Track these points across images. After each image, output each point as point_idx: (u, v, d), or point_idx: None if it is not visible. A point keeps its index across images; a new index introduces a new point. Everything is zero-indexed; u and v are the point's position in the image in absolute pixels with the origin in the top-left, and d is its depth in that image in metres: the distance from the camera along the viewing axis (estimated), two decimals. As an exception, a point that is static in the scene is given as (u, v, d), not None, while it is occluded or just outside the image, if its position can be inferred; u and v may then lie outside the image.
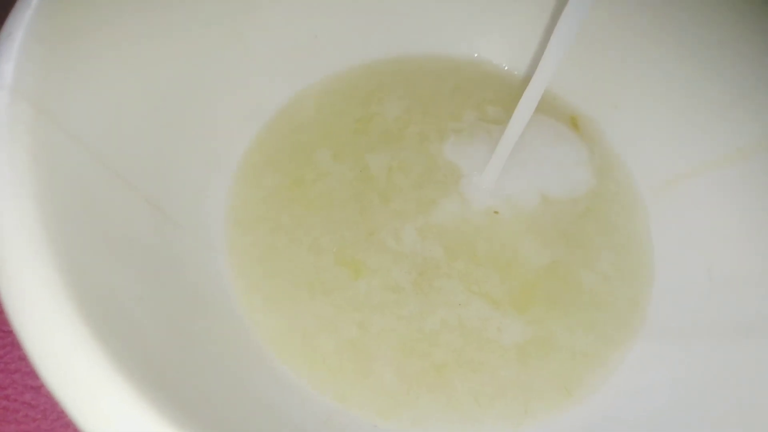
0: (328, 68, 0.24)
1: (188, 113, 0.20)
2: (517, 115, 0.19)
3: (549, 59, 0.17)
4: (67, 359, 0.12)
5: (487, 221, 0.21)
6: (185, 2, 0.19)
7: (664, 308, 0.20)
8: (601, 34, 0.23)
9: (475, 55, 0.25)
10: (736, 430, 0.15)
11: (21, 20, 0.14)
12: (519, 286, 0.20)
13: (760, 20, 0.20)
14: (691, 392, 0.17)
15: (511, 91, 0.24)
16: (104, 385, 0.12)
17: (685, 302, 0.20)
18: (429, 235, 0.21)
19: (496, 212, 0.21)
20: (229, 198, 0.21)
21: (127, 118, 0.17)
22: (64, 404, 0.12)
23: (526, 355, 0.19)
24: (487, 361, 0.19)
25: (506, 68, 0.24)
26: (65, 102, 0.15)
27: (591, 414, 0.18)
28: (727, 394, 0.16)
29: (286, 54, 0.22)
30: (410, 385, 0.18)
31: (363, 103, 0.24)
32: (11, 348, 0.21)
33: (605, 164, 0.23)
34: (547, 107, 0.24)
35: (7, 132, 0.13)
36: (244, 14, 0.21)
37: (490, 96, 0.24)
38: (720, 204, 0.20)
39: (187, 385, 0.14)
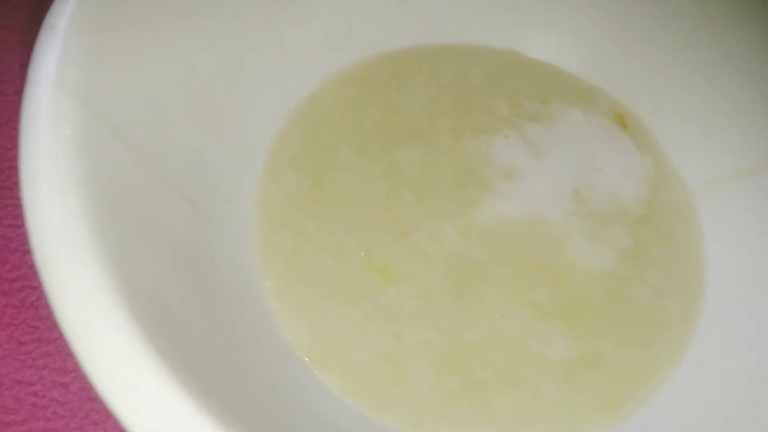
0: (348, 59, 0.23)
1: (221, 108, 0.20)
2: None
3: None
4: (115, 358, 0.12)
5: (534, 226, 0.21)
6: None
7: (715, 322, 0.19)
8: (645, 32, 0.22)
9: (507, 45, 0.24)
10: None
11: (64, 12, 0.14)
12: (568, 297, 0.20)
13: None
14: (741, 406, 0.17)
15: (547, 82, 0.24)
16: (152, 383, 0.12)
17: (734, 314, 0.19)
18: (471, 236, 0.20)
19: (543, 217, 0.21)
20: (254, 200, 0.20)
21: (166, 112, 0.17)
22: (109, 403, 0.12)
23: (571, 372, 0.19)
24: (531, 377, 0.18)
25: (542, 59, 0.24)
26: (108, 96, 0.15)
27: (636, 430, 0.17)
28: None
29: (317, 47, 0.22)
30: (448, 398, 0.18)
31: (386, 93, 0.23)
32: (39, 344, 0.21)
33: (656, 167, 0.22)
34: (592, 103, 0.23)
35: (50, 127, 0.13)
36: (280, 6, 0.21)
37: (524, 88, 0.23)
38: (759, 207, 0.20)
39: (228, 383, 0.14)
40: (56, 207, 0.13)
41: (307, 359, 0.18)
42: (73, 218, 0.13)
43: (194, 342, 0.14)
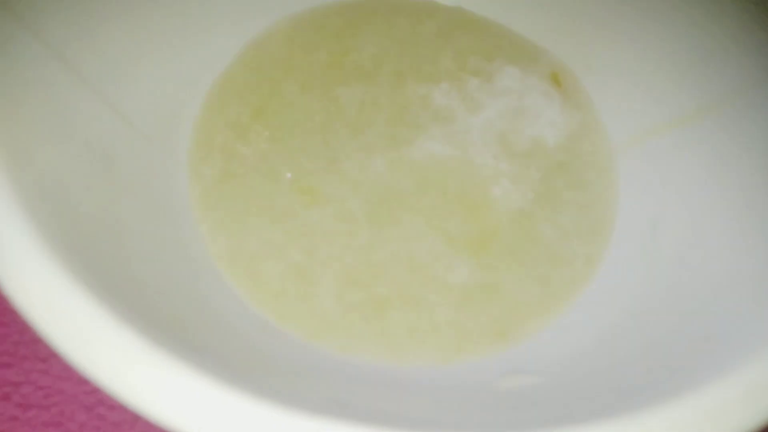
0: (303, 5, 0.24)
1: (167, 35, 0.21)
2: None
3: None
4: (15, 257, 0.13)
5: (459, 164, 0.22)
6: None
7: (615, 267, 0.20)
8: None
9: (457, 2, 0.25)
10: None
11: None
12: (479, 229, 0.21)
13: None
14: (625, 346, 0.18)
15: (493, 41, 0.25)
16: (45, 275, 0.13)
17: (633, 259, 0.20)
18: (398, 168, 0.21)
19: (468, 157, 0.22)
20: (195, 123, 0.21)
21: (101, 30, 0.18)
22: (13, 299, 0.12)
23: (468, 297, 0.20)
24: (429, 299, 0.20)
25: (490, 17, 0.25)
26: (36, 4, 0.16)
27: (521, 357, 0.18)
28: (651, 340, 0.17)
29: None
30: (346, 311, 0.19)
31: (337, 38, 0.24)
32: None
33: (582, 120, 0.23)
34: (533, 62, 0.24)
35: None
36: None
37: (471, 45, 0.24)
38: (681, 161, 0.21)
39: (141, 282, 0.15)
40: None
41: (222, 269, 0.19)
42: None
43: (107, 242, 0.15)
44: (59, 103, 0.17)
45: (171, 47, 0.21)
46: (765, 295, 0.16)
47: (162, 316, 0.15)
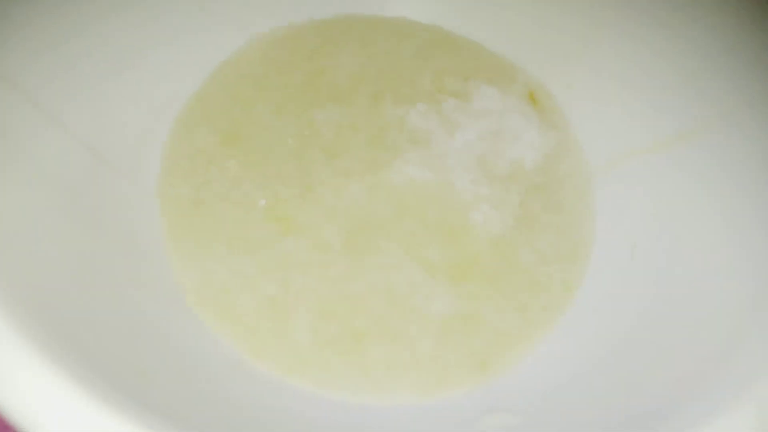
0: (277, 20, 0.23)
1: (133, 58, 0.20)
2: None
3: None
4: None
5: (437, 189, 0.21)
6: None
7: (593, 291, 0.20)
8: (565, 12, 0.23)
9: (434, 21, 0.25)
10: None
11: None
12: (459, 256, 0.20)
13: (703, 6, 0.20)
14: (606, 372, 0.17)
15: (471, 61, 0.24)
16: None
17: (611, 284, 0.20)
18: (375, 194, 0.21)
19: (447, 181, 0.21)
20: (165, 149, 0.21)
21: (65, 60, 0.18)
22: None
23: (448, 329, 0.19)
24: (408, 331, 0.19)
25: (468, 36, 0.24)
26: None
27: (500, 392, 0.18)
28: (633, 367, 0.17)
29: (244, 7, 0.22)
30: (323, 346, 0.18)
31: (312, 58, 0.23)
32: None
33: (560, 141, 0.23)
34: (510, 82, 0.24)
35: None
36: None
37: (448, 65, 0.24)
38: (658, 185, 0.20)
39: (104, 323, 0.15)
40: None
41: (192, 304, 0.18)
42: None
43: (68, 283, 0.15)
44: (18, 136, 0.16)
45: (137, 70, 0.20)
46: (747, 327, 0.16)
47: (124, 366, 0.14)
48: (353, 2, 0.24)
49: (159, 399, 0.14)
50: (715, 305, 0.17)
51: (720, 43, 0.20)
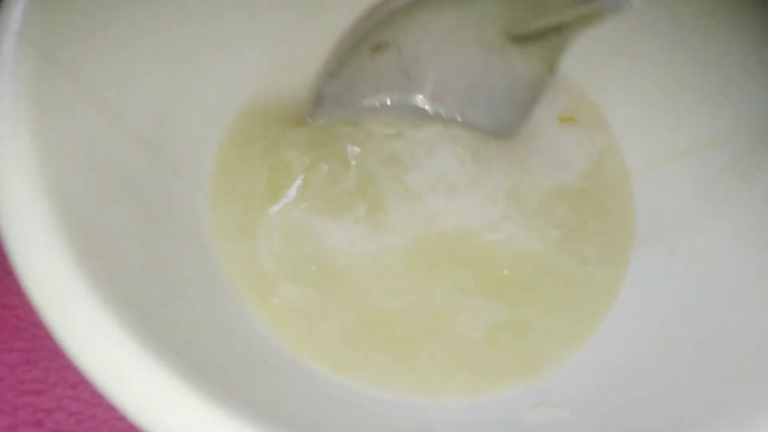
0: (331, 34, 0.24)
1: (193, 65, 0.21)
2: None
3: None
4: (57, 290, 0.13)
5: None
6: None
7: (634, 291, 0.20)
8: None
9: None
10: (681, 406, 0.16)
11: None
12: (499, 269, 0.21)
13: (738, 12, 0.20)
14: (648, 358, 0.18)
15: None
16: (85, 308, 0.13)
17: (652, 285, 0.20)
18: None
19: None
20: (219, 150, 0.21)
21: (133, 67, 0.19)
22: (53, 331, 0.13)
23: (494, 338, 0.20)
24: (457, 336, 0.20)
25: None
26: (70, 47, 0.16)
27: (550, 386, 0.18)
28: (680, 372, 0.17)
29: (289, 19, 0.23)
30: (370, 350, 0.19)
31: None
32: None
33: (602, 147, 0.23)
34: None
35: (10, 74, 0.15)
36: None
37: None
38: (696, 188, 0.21)
39: (163, 313, 0.16)
40: (10, 148, 0.14)
41: (247, 302, 0.19)
42: (25, 159, 0.14)
43: (134, 274, 0.15)
44: (97, 142, 0.17)
45: (199, 73, 0.21)
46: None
47: (196, 354, 0.15)
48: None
49: (237, 389, 0.14)
50: (756, 306, 0.17)
51: (760, 47, 0.20)
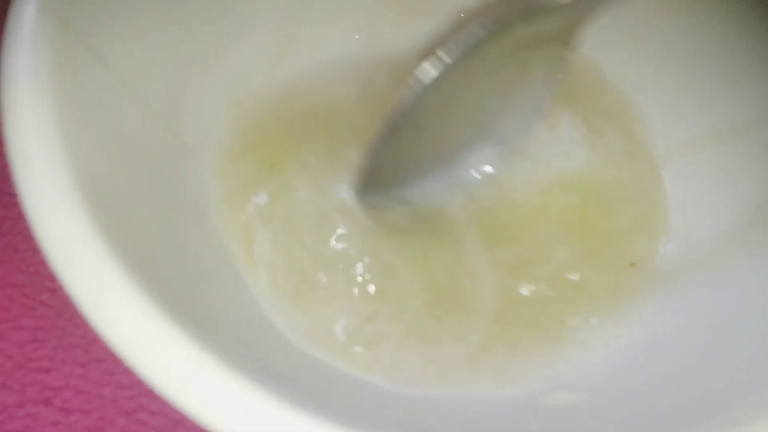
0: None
1: (210, 46, 0.21)
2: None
3: None
4: (80, 261, 0.13)
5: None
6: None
7: (659, 276, 0.21)
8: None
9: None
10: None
11: None
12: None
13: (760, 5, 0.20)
14: (668, 346, 0.18)
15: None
16: (113, 287, 0.13)
17: (678, 271, 0.20)
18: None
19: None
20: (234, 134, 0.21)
21: (151, 45, 0.18)
22: (78, 303, 0.13)
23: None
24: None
25: None
26: (91, 20, 0.16)
27: (569, 372, 0.19)
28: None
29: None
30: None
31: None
32: (32, 253, 0.23)
33: (624, 134, 0.23)
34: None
35: (31, 42, 0.14)
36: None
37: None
38: (719, 175, 0.21)
39: (179, 283, 0.15)
40: (30, 115, 0.14)
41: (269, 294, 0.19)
42: (46, 127, 0.14)
43: (152, 249, 0.15)
44: (115, 114, 0.17)
45: (219, 60, 0.21)
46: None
47: (217, 327, 0.15)
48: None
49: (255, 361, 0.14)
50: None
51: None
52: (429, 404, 0.17)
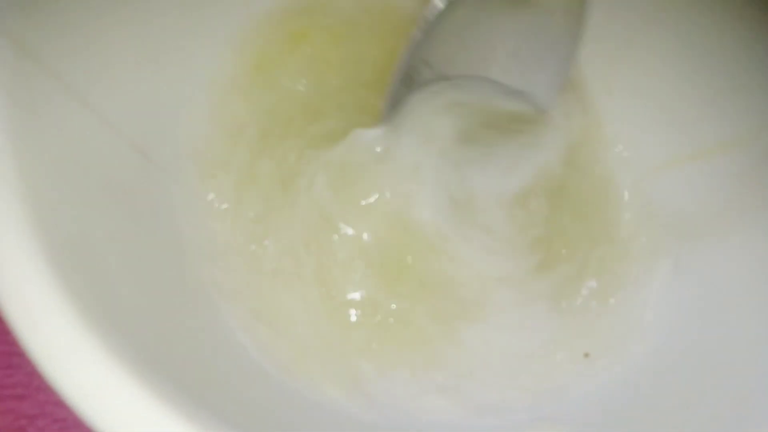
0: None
1: (170, 58, 0.20)
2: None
3: None
4: (33, 306, 0.12)
5: None
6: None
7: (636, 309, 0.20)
8: (603, 18, 0.21)
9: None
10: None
11: None
12: None
13: (756, 15, 0.19)
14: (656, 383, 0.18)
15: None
16: (68, 335, 0.12)
17: (655, 300, 0.20)
18: None
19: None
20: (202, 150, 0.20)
21: (113, 62, 0.18)
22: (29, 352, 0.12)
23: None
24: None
25: None
26: (50, 42, 0.15)
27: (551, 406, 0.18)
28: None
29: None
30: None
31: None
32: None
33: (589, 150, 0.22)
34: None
35: None
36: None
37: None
38: (700, 195, 0.20)
39: (142, 324, 0.15)
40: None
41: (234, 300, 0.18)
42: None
43: (113, 280, 0.15)
44: (79, 143, 0.16)
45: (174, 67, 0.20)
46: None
47: (180, 371, 0.14)
48: None
49: (220, 405, 0.14)
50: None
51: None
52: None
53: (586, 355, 0.19)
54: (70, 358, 0.12)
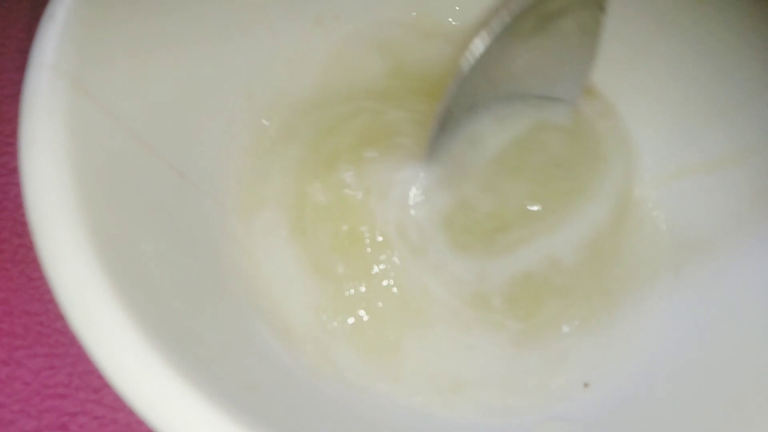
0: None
1: (210, 90, 0.21)
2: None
3: None
4: (91, 309, 0.14)
5: None
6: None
7: (642, 315, 0.21)
8: (619, 27, 0.22)
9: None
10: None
11: (63, 3, 0.16)
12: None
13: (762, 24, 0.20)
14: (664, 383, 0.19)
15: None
16: (121, 336, 0.14)
17: (662, 305, 0.21)
18: None
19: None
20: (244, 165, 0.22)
21: (157, 94, 0.19)
22: (87, 348, 0.14)
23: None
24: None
25: None
26: (102, 79, 0.17)
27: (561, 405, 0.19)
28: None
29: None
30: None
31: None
32: (46, 281, 0.23)
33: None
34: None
35: (47, 106, 0.15)
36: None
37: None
38: (709, 205, 0.21)
39: (187, 328, 0.16)
40: (48, 175, 0.15)
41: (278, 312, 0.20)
42: (63, 186, 0.15)
43: (160, 291, 0.16)
44: (128, 169, 0.17)
45: (214, 95, 0.21)
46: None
47: (223, 374, 0.16)
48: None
49: (262, 408, 0.15)
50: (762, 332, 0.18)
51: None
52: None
53: (586, 385, 0.19)
54: (124, 357, 0.13)
